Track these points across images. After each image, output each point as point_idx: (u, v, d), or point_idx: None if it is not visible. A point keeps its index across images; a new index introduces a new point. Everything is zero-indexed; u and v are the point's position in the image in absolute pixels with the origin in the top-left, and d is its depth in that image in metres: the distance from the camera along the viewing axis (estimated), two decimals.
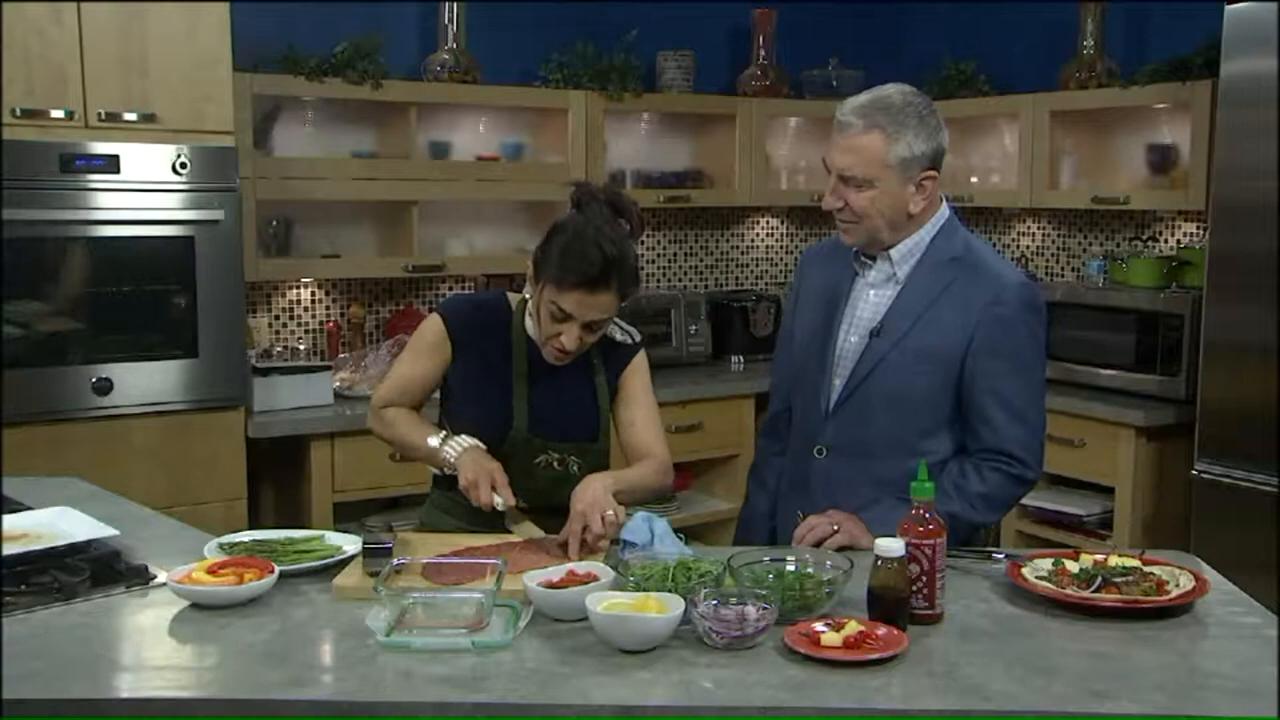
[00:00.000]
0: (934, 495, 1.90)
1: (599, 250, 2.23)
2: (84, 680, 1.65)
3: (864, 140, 2.24)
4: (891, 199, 2.26)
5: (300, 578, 2.03)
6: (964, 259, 2.32)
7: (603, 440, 2.45)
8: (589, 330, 2.30)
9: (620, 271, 2.25)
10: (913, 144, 2.23)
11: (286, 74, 3.92)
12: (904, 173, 2.25)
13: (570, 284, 2.23)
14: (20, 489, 2.55)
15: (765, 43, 4.94)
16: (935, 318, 2.28)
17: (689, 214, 5.10)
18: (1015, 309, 2.28)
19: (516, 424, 2.37)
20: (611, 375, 2.46)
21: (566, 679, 1.65)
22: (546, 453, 2.39)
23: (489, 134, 4.55)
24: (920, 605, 1.83)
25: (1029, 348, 2.30)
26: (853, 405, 2.33)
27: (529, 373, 2.40)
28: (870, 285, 2.37)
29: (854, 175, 2.25)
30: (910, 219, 2.31)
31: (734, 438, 4.42)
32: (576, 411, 2.42)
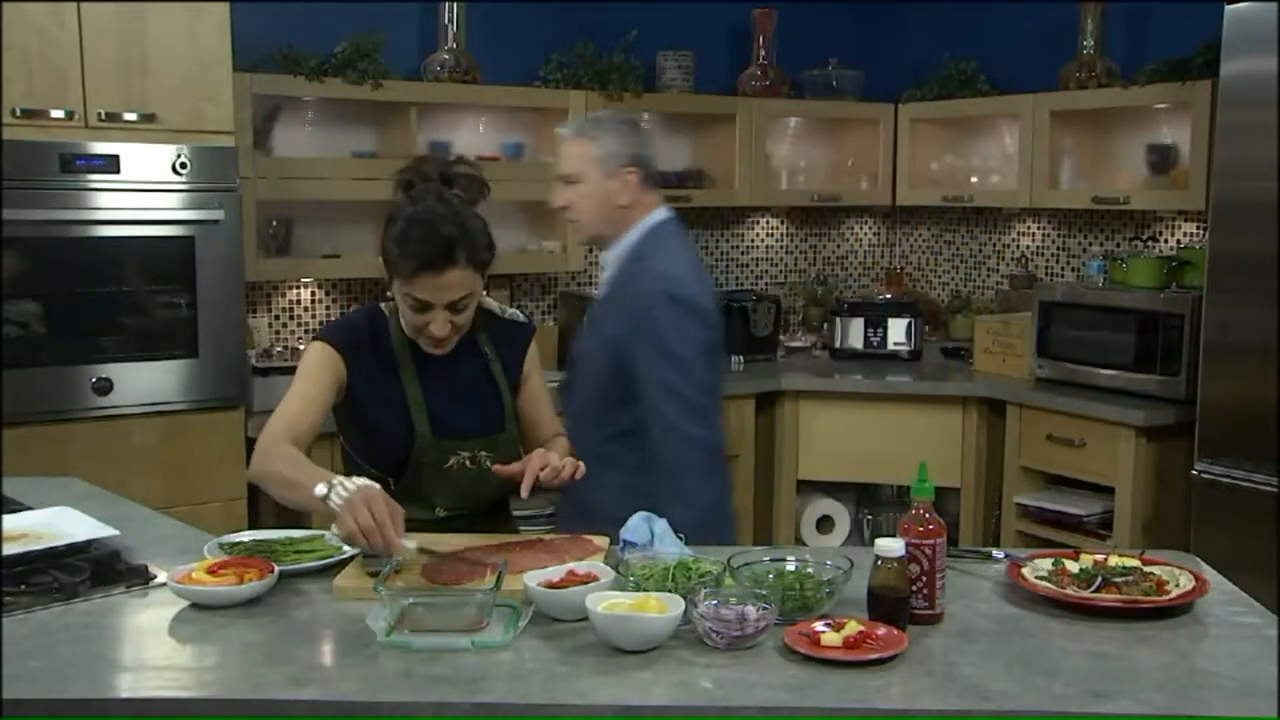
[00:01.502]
0: (933, 495, 1.90)
1: (432, 229, 2.20)
2: (84, 680, 1.65)
3: (572, 144, 2.67)
4: (598, 191, 2.64)
5: (300, 578, 2.03)
6: (638, 262, 2.63)
7: (510, 429, 2.41)
8: (455, 312, 2.26)
9: (464, 244, 2.21)
10: (609, 144, 2.63)
11: (286, 74, 3.92)
12: (604, 168, 2.62)
13: (413, 271, 2.20)
14: (20, 489, 2.54)
15: (765, 43, 4.94)
16: (614, 310, 2.64)
17: (689, 214, 5.06)
18: (656, 300, 2.54)
19: (419, 430, 2.31)
20: (508, 358, 2.45)
21: (567, 679, 1.65)
22: (456, 454, 2.34)
23: (489, 134, 4.55)
24: (920, 605, 1.83)
25: (670, 333, 2.53)
26: (569, 384, 2.74)
27: (420, 376, 2.35)
28: (603, 284, 2.77)
29: (566, 173, 2.67)
30: (622, 213, 2.65)
31: (735, 438, 4.40)
32: (478, 405, 2.39)
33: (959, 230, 5.32)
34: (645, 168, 2.67)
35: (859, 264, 5.60)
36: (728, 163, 4.86)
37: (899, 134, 5.06)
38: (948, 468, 4.29)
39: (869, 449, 4.40)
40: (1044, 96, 4.47)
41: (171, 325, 3.50)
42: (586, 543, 2.17)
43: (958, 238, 5.32)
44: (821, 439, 4.47)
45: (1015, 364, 4.37)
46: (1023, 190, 4.60)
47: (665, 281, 2.56)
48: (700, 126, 4.95)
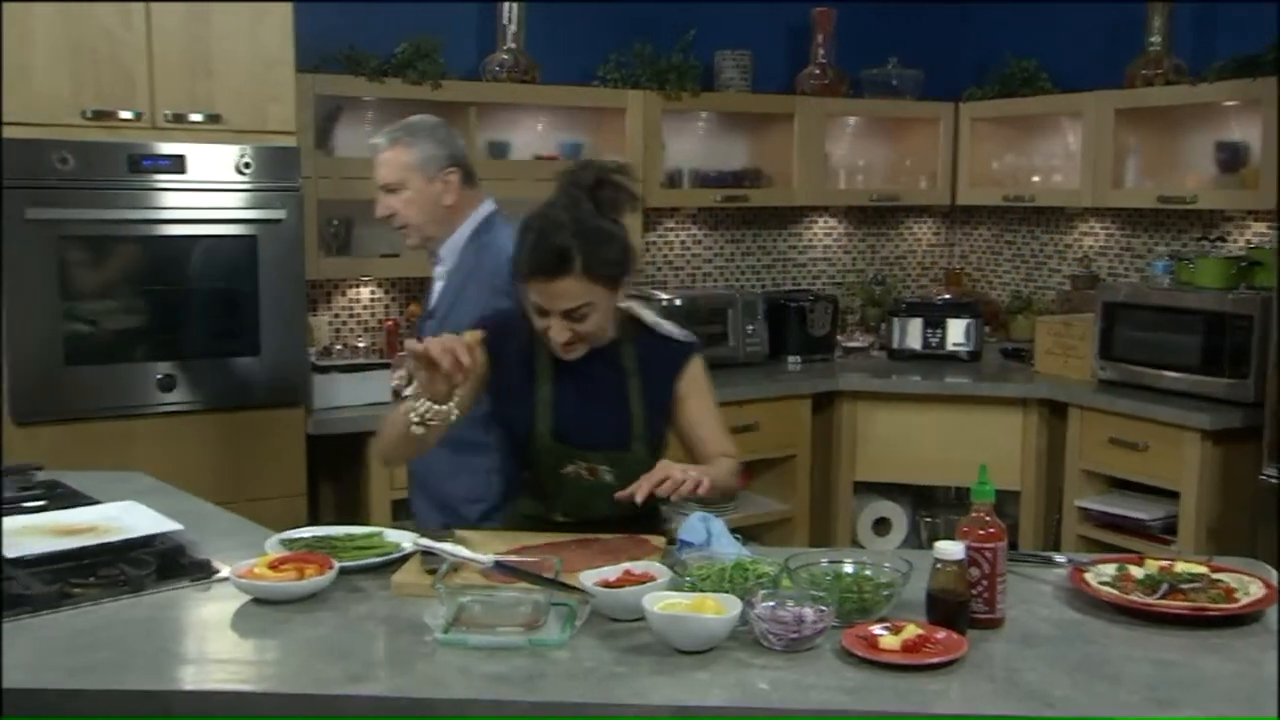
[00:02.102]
0: (994, 498, 1.87)
1: (545, 236, 2.17)
2: (148, 672, 1.68)
3: (390, 154, 2.74)
4: (423, 195, 2.74)
5: (359, 574, 2.05)
6: (486, 245, 2.74)
7: (638, 449, 2.31)
8: (574, 320, 2.21)
9: (582, 254, 2.16)
10: (426, 149, 2.73)
11: (348, 74, 3.96)
12: (425, 172, 2.73)
13: (527, 275, 2.19)
14: (87, 483, 2.59)
15: (824, 42, 4.92)
16: (465, 296, 2.71)
17: (746, 213, 5.08)
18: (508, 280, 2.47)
19: (539, 429, 2.31)
20: (656, 378, 2.34)
21: (623, 679, 1.65)
22: (574, 461, 2.31)
23: (548, 134, 4.57)
24: (980, 609, 1.81)
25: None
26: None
27: (554, 376, 2.33)
28: (437, 279, 2.84)
29: (387, 182, 2.74)
30: (449, 213, 2.77)
31: (791, 438, 4.40)
32: (605, 418, 2.31)
33: (1020, 230, 5.25)
34: (464, 166, 2.79)
35: (917, 264, 5.55)
36: (785, 162, 4.83)
37: (959, 133, 5.01)
38: (1007, 470, 4.23)
39: (927, 450, 4.36)
40: (1109, 94, 4.40)
41: (234, 323, 3.54)
42: (643, 542, 2.17)
43: (1018, 238, 5.26)
44: (879, 440, 4.44)
45: (1077, 365, 4.31)
46: (1085, 189, 4.54)
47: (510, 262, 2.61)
48: (758, 126, 4.93)
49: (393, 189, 2.75)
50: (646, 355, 2.35)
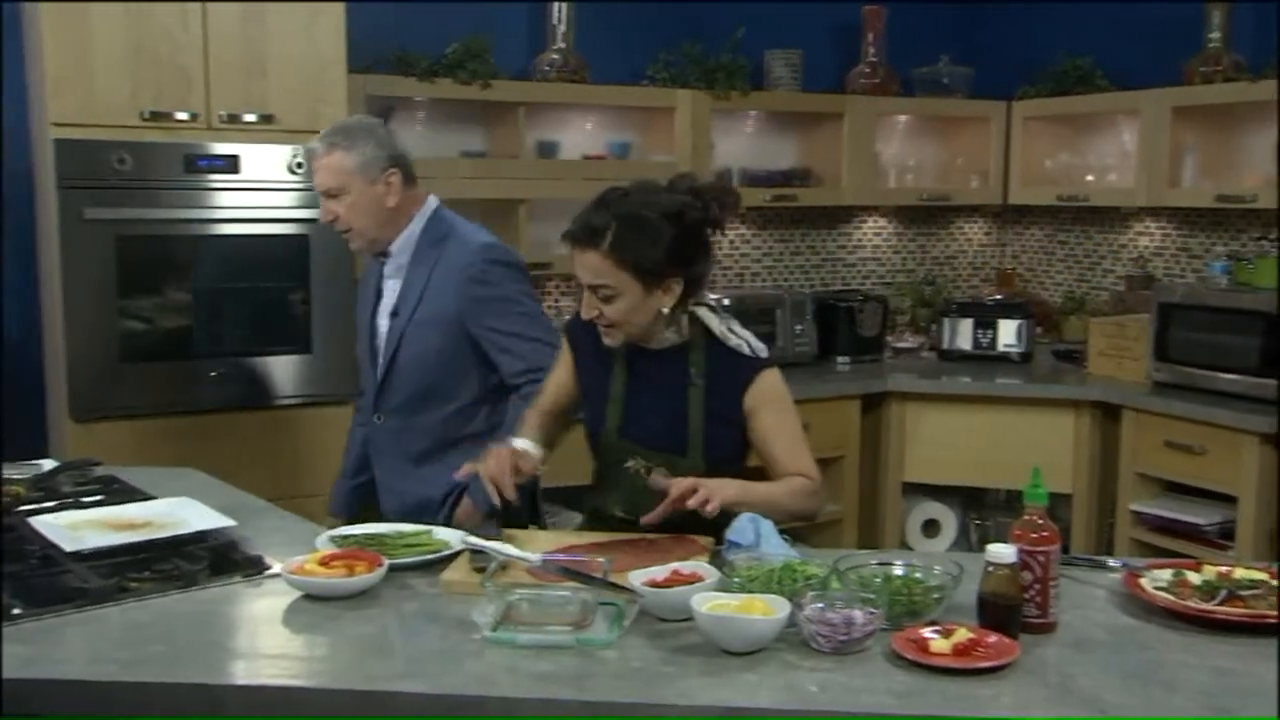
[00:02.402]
0: (1047, 501, 1.85)
1: (591, 209, 2.22)
2: (201, 666, 1.70)
3: (328, 159, 2.66)
4: (366, 199, 2.67)
5: (409, 571, 2.06)
6: (446, 239, 2.73)
7: (693, 457, 2.29)
8: (599, 299, 2.23)
9: (614, 235, 2.17)
10: (365, 151, 2.65)
11: (399, 75, 3.99)
12: (366, 175, 2.65)
13: (565, 240, 2.25)
14: (142, 479, 2.63)
15: (875, 40, 4.88)
16: (432, 291, 2.69)
17: (795, 213, 5.06)
18: (482, 265, 2.67)
19: (607, 425, 2.37)
20: (721, 390, 2.30)
21: (671, 679, 1.65)
22: (634, 457, 2.33)
23: (597, 133, 4.58)
24: (1033, 614, 1.79)
25: (510, 288, 2.69)
26: (392, 376, 2.75)
27: (627, 374, 2.37)
28: (389, 278, 2.79)
29: (329, 188, 2.67)
30: (393, 214, 2.71)
31: (839, 439, 4.37)
32: (665, 421, 2.32)
33: (1073, 230, 5.18)
34: (404, 166, 2.72)
35: (968, 264, 5.50)
36: (835, 161, 4.81)
37: (1011, 132, 4.96)
38: (1059, 473, 4.18)
39: (977, 452, 4.32)
40: (1166, 92, 4.34)
41: (286, 321, 3.58)
42: (691, 543, 2.17)
43: (1072, 237, 5.19)
44: (928, 441, 4.40)
45: (1132, 367, 4.24)
46: (1141, 188, 4.47)
47: (485, 250, 2.70)
48: (807, 125, 4.91)
49: (334, 194, 2.67)
50: (714, 366, 2.33)
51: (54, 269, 3.39)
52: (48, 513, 2.31)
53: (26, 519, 2.24)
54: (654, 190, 2.27)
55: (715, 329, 2.34)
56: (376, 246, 2.75)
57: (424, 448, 2.73)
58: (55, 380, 3.55)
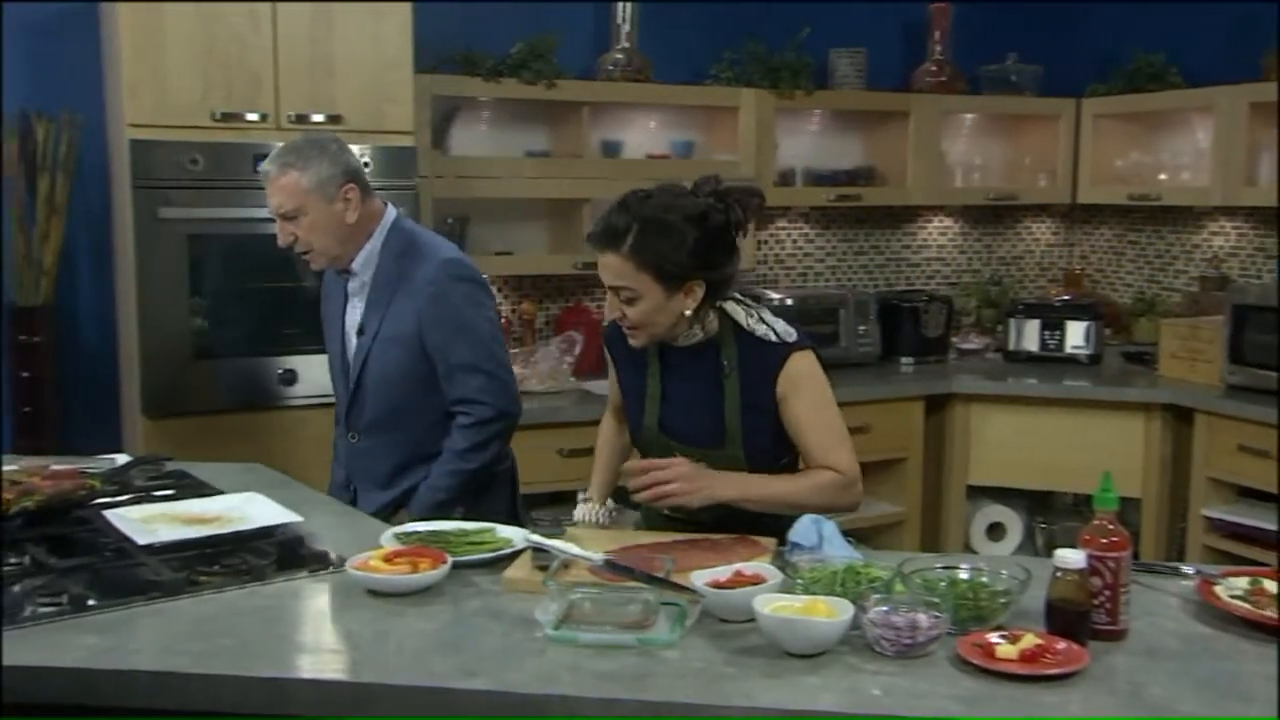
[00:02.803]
0: (1117, 506, 1.82)
1: (612, 211, 2.22)
2: (268, 660, 1.72)
3: (283, 180, 2.60)
4: (326, 218, 2.62)
5: (472, 569, 2.07)
6: (407, 253, 2.70)
7: (731, 449, 2.30)
8: (621, 300, 2.23)
9: (633, 237, 2.18)
10: (320, 169, 2.60)
11: (464, 75, 4.02)
12: (324, 194, 2.60)
13: (587, 240, 2.27)
14: (212, 474, 2.67)
15: (941, 38, 4.83)
16: (395, 308, 2.67)
17: (859, 212, 5.02)
18: (446, 283, 2.65)
19: (647, 422, 2.40)
20: (754, 380, 2.29)
21: (732, 680, 1.64)
22: (674, 454, 2.32)
23: (660, 132, 4.58)
24: (1102, 620, 1.76)
25: (466, 310, 2.67)
26: (360, 394, 2.75)
27: (663, 371, 2.39)
28: (353, 295, 2.76)
29: (287, 209, 2.61)
30: (354, 230, 2.67)
31: (902, 440, 4.34)
32: (701, 414, 2.33)
33: (1144, 229, 5.09)
34: (360, 180, 2.67)
35: (1035, 264, 5.42)
36: (900, 160, 4.77)
37: (1081, 130, 4.88)
38: (1129, 477, 4.11)
39: (1043, 455, 4.26)
40: (1242, 88, 4.24)
41: None
42: (754, 543, 2.16)
43: (1143, 237, 5.10)
44: (993, 444, 4.35)
45: (1205, 370, 4.16)
46: (1215, 187, 4.38)
47: (445, 266, 2.68)
48: (872, 124, 4.87)
49: (291, 216, 2.61)
50: (745, 355, 2.32)
51: (129, 268, 3.45)
52: (121, 506, 2.36)
53: (101, 512, 2.29)
54: (678, 193, 2.26)
55: (742, 321, 2.32)
56: (339, 264, 2.71)
57: (398, 463, 2.72)
58: (129, 377, 3.62)
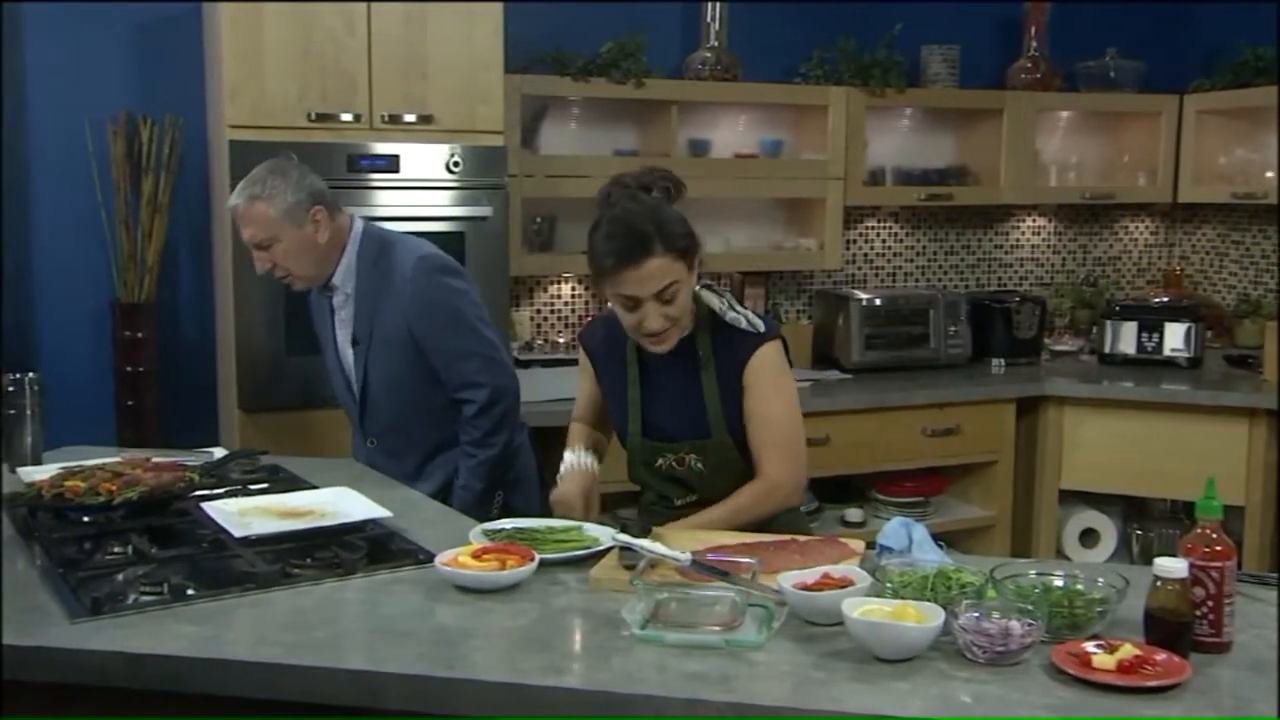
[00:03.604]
0: (1221, 515, 1.76)
1: (627, 225, 2.23)
2: (359, 653, 1.75)
3: (251, 210, 2.71)
4: (299, 243, 2.73)
5: (558, 566, 2.08)
6: (382, 258, 2.79)
7: (718, 435, 2.37)
8: (665, 303, 2.26)
9: (659, 234, 2.23)
10: (286, 196, 2.70)
11: (554, 75, 4.04)
12: (294, 219, 2.71)
13: (613, 269, 2.23)
14: (305, 469, 2.73)
15: (1037, 34, 4.74)
16: (382, 314, 2.78)
17: (950, 212, 4.95)
18: (423, 277, 2.76)
19: (631, 430, 2.44)
20: (727, 367, 2.37)
21: (820, 684, 1.63)
22: (664, 455, 2.42)
23: (748, 131, 4.56)
24: (1205, 632, 1.71)
25: (448, 299, 2.78)
26: (370, 401, 2.86)
27: (641, 377, 2.43)
28: (339, 309, 2.86)
29: (260, 240, 2.72)
30: (328, 249, 2.77)
31: (993, 442, 4.26)
32: (685, 408, 2.39)
33: (1249, 229, 4.94)
34: (326, 200, 2.77)
35: (1133, 265, 5.29)
36: (993, 159, 4.69)
37: (1183, 127, 4.75)
38: (1231, 485, 3.99)
39: (1140, 461, 4.15)
40: None
41: None
42: (842, 546, 2.14)
43: (1247, 237, 4.95)
44: (1087, 448, 4.25)
45: None
46: None
47: (421, 262, 2.78)
48: (965, 122, 4.79)
49: (265, 245, 2.73)
50: (718, 344, 2.39)
51: (227, 266, 3.53)
52: (218, 499, 2.41)
53: (200, 504, 2.35)
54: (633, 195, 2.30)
55: (716, 307, 2.39)
56: (319, 282, 2.83)
57: (420, 459, 2.86)
58: (226, 372, 3.70)
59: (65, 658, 1.73)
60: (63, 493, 2.28)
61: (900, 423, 4.09)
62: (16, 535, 2.26)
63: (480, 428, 2.80)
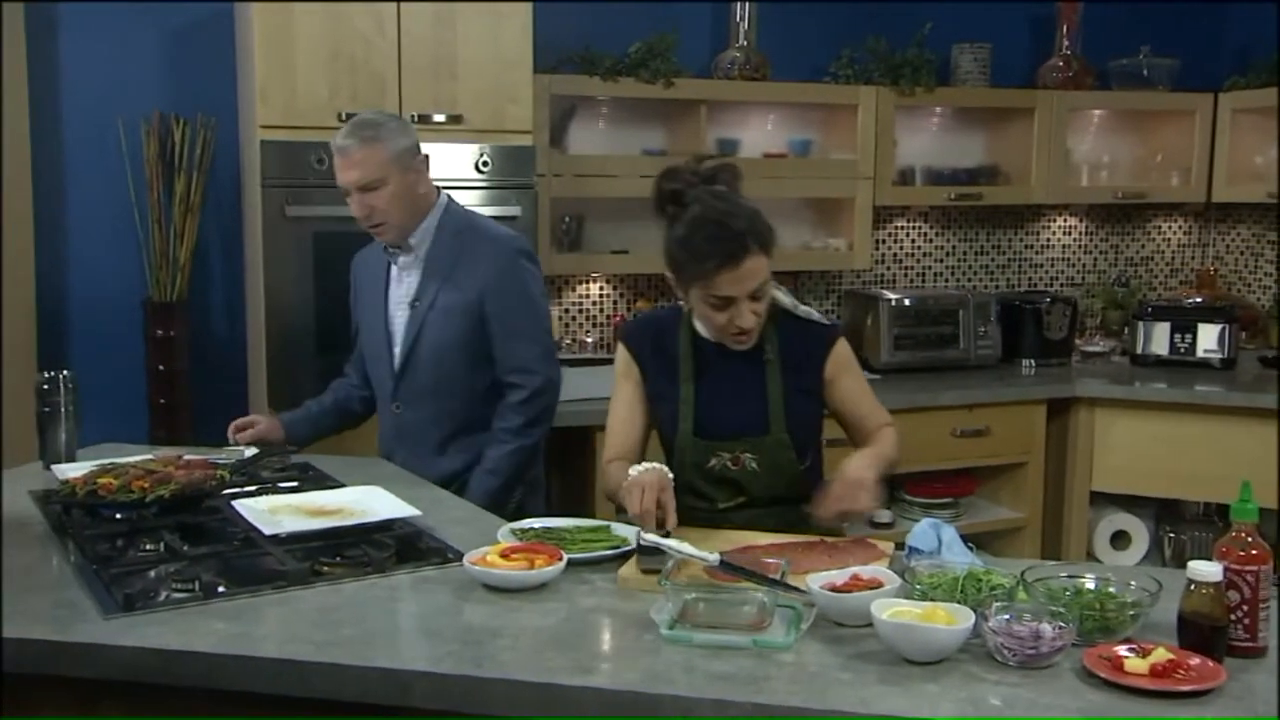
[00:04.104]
0: (1257, 518, 1.75)
1: (723, 225, 2.23)
2: (388, 651, 1.75)
3: (363, 152, 2.73)
4: (404, 189, 2.77)
5: (587, 566, 2.08)
6: (467, 232, 2.86)
7: (776, 432, 2.37)
8: (755, 301, 2.28)
9: (753, 231, 2.25)
10: (398, 141, 2.76)
11: (583, 74, 4.04)
12: (402, 164, 2.76)
13: (715, 270, 2.23)
14: (334, 467, 2.74)
15: (1069, 32, 4.70)
16: (455, 280, 2.81)
17: (980, 211, 4.92)
18: (515, 258, 2.84)
19: (682, 428, 2.39)
20: (799, 363, 2.39)
21: (848, 685, 1.62)
22: (717, 455, 2.37)
23: (777, 131, 4.54)
24: (1240, 637, 1.69)
25: (531, 286, 2.86)
26: (412, 363, 2.85)
27: (695, 375, 2.40)
28: (403, 269, 2.89)
29: (369, 180, 2.74)
30: (422, 200, 2.84)
31: (1023, 444, 4.23)
32: (743, 406, 2.37)
33: None
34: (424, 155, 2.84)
35: (1166, 265, 5.25)
36: (1024, 159, 4.65)
37: (1217, 126, 4.70)
38: (1266, 488, 3.92)
39: (1172, 463, 4.12)
40: None
41: None
42: (871, 547, 2.13)
43: None
44: (1119, 449, 4.22)
45: None
46: None
47: (516, 242, 2.89)
48: (996, 121, 4.76)
49: (372, 187, 2.75)
50: (789, 340, 2.40)
51: (257, 265, 3.55)
52: (248, 496, 2.43)
53: (230, 502, 2.36)
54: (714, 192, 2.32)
55: (787, 304, 2.42)
56: (404, 236, 2.84)
57: (444, 435, 2.87)
58: (256, 370, 3.72)
59: (97, 653, 1.74)
60: (96, 490, 2.30)
61: (929, 423, 4.07)
62: (51, 531, 2.28)
63: (523, 415, 2.82)
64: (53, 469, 2.64)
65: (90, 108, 3.85)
